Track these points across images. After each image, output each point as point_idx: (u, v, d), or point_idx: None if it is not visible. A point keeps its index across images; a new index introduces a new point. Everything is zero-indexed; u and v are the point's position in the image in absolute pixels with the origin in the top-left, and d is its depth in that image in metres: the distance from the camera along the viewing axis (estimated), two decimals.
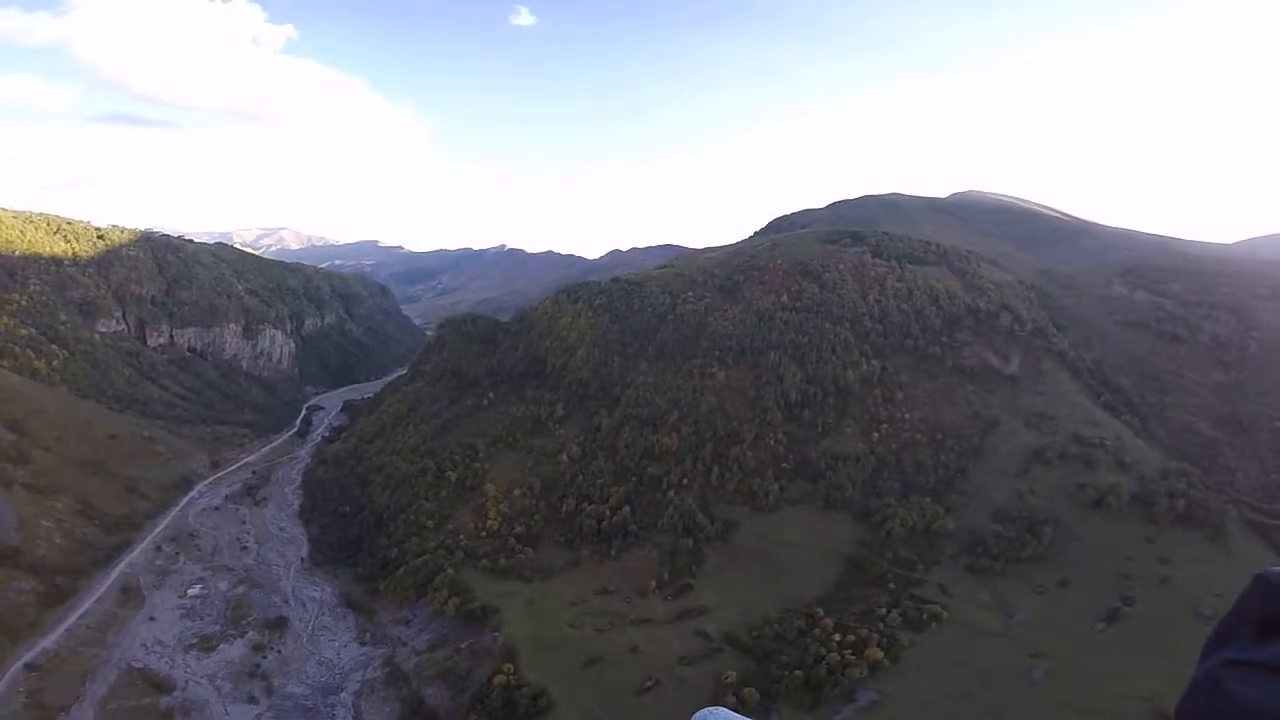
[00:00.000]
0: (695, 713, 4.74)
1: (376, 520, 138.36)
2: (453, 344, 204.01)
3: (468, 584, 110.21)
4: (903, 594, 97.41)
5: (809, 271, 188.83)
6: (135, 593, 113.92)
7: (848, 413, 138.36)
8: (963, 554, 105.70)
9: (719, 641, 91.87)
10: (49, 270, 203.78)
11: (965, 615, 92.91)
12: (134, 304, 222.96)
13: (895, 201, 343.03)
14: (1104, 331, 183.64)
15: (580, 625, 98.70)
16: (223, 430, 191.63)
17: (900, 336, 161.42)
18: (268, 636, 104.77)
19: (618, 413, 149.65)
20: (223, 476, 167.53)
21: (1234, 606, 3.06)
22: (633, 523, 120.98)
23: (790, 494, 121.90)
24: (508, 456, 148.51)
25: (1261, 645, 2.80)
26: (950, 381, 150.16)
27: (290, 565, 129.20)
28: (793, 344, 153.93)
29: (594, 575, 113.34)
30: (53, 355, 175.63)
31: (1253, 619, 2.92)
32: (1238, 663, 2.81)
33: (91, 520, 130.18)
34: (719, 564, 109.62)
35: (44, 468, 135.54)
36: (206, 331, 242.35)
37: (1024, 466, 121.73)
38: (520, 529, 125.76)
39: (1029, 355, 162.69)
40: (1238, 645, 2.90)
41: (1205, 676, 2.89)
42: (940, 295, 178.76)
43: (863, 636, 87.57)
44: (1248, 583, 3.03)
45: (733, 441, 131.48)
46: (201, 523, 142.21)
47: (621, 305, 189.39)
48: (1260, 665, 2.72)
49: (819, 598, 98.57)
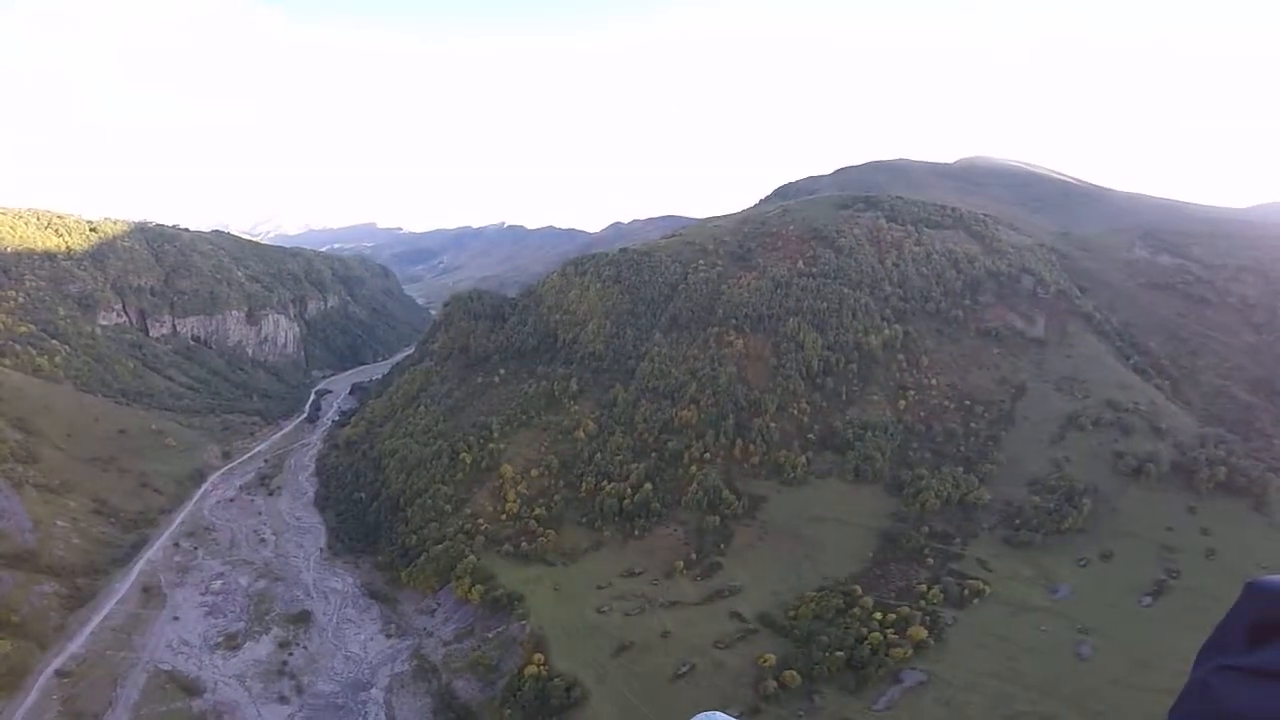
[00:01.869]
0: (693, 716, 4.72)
1: (393, 506, 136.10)
2: (460, 321, 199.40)
3: (491, 570, 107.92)
4: (942, 569, 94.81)
5: (823, 237, 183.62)
6: (156, 591, 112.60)
7: (872, 379, 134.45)
8: (1000, 526, 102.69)
9: (754, 623, 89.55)
10: (44, 265, 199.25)
11: (1008, 590, 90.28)
12: (133, 295, 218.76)
13: (902, 167, 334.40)
14: (1129, 294, 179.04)
15: (608, 610, 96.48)
16: (232, 419, 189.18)
17: (921, 300, 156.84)
18: (293, 632, 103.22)
19: (634, 386, 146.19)
20: (235, 467, 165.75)
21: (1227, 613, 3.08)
22: (655, 500, 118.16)
23: (818, 466, 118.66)
24: (523, 435, 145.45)
25: (1253, 651, 2.86)
26: (975, 345, 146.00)
27: (309, 556, 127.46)
28: (811, 310, 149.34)
29: (618, 556, 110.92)
30: (54, 351, 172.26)
31: (1245, 625, 2.97)
32: (1230, 668, 2.86)
33: (107, 518, 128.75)
34: (748, 541, 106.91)
35: (55, 466, 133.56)
36: (209, 319, 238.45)
37: (1058, 433, 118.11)
38: (540, 511, 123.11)
39: (1054, 318, 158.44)
40: (1230, 651, 2.96)
41: (1198, 682, 2.96)
42: (960, 259, 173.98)
43: (904, 614, 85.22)
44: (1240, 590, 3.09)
45: (755, 412, 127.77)
46: (217, 515, 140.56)
47: (631, 276, 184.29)
48: (1251, 671, 2.78)
49: (855, 574, 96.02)
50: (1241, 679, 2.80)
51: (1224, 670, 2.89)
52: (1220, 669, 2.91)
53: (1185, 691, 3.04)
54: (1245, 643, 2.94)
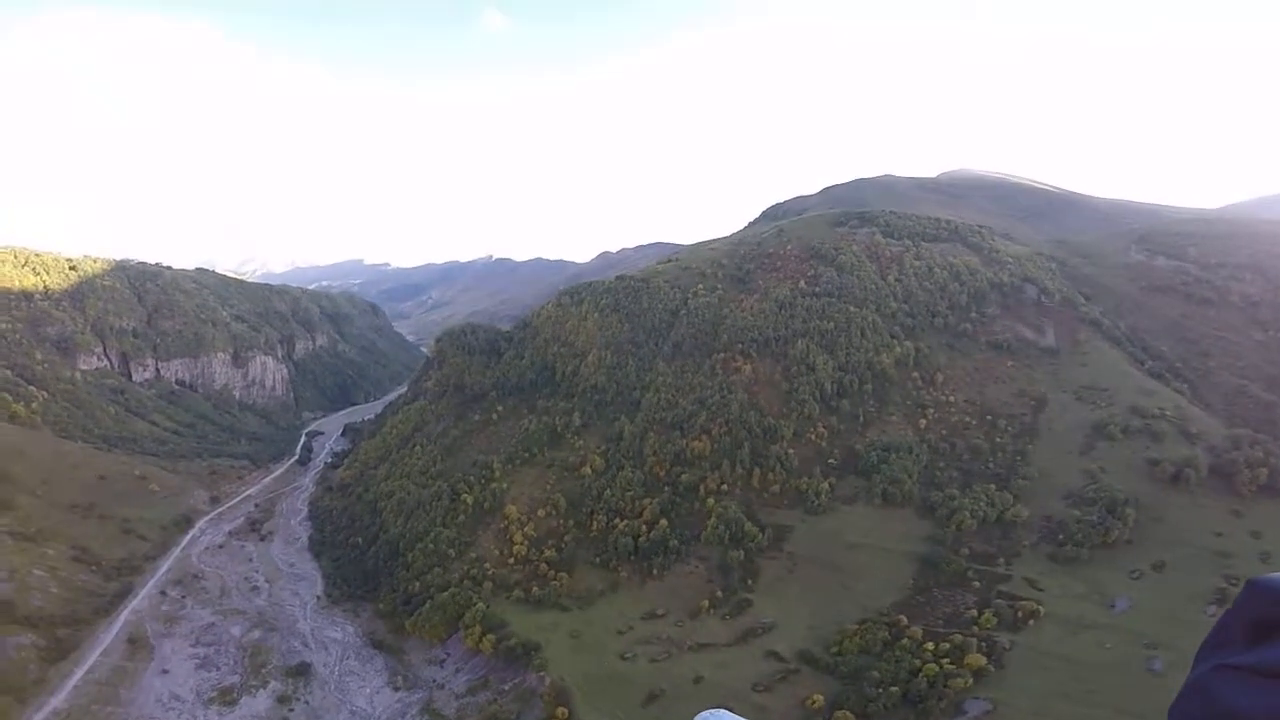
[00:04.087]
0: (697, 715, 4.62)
1: (392, 551, 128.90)
2: (453, 357, 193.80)
3: (502, 618, 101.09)
4: (990, 592, 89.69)
5: (822, 255, 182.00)
6: (143, 643, 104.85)
7: (888, 399, 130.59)
8: (1042, 543, 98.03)
9: (794, 661, 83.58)
10: (20, 305, 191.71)
11: (1063, 608, 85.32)
12: (114, 337, 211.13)
13: (888, 183, 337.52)
14: (1132, 298, 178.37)
15: (632, 656, 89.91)
16: (220, 463, 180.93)
17: (928, 315, 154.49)
18: (292, 685, 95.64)
19: (640, 418, 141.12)
20: (224, 511, 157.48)
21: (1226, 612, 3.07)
22: (673, 537, 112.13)
23: (842, 492, 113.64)
24: (526, 473, 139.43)
25: (1251, 650, 2.84)
26: (988, 358, 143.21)
27: (306, 604, 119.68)
28: (819, 330, 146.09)
29: (637, 598, 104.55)
30: (31, 397, 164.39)
31: (1244, 624, 2.95)
32: (1228, 667, 2.84)
33: (88, 566, 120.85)
34: (777, 575, 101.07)
35: (31, 514, 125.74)
36: (194, 362, 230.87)
37: (1086, 444, 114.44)
38: (550, 552, 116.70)
39: (1062, 326, 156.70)
40: (1229, 650, 2.94)
41: (1197, 681, 2.93)
42: (961, 271, 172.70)
43: (958, 642, 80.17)
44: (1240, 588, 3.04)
45: (771, 439, 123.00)
46: (206, 562, 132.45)
47: (629, 304, 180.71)
48: (1250, 670, 2.76)
49: (897, 603, 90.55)
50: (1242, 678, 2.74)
51: (1224, 669, 2.82)
52: (1220, 668, 2.84)
53: (1184, 690, 2.95)
54: (1245, 641, 2.89)
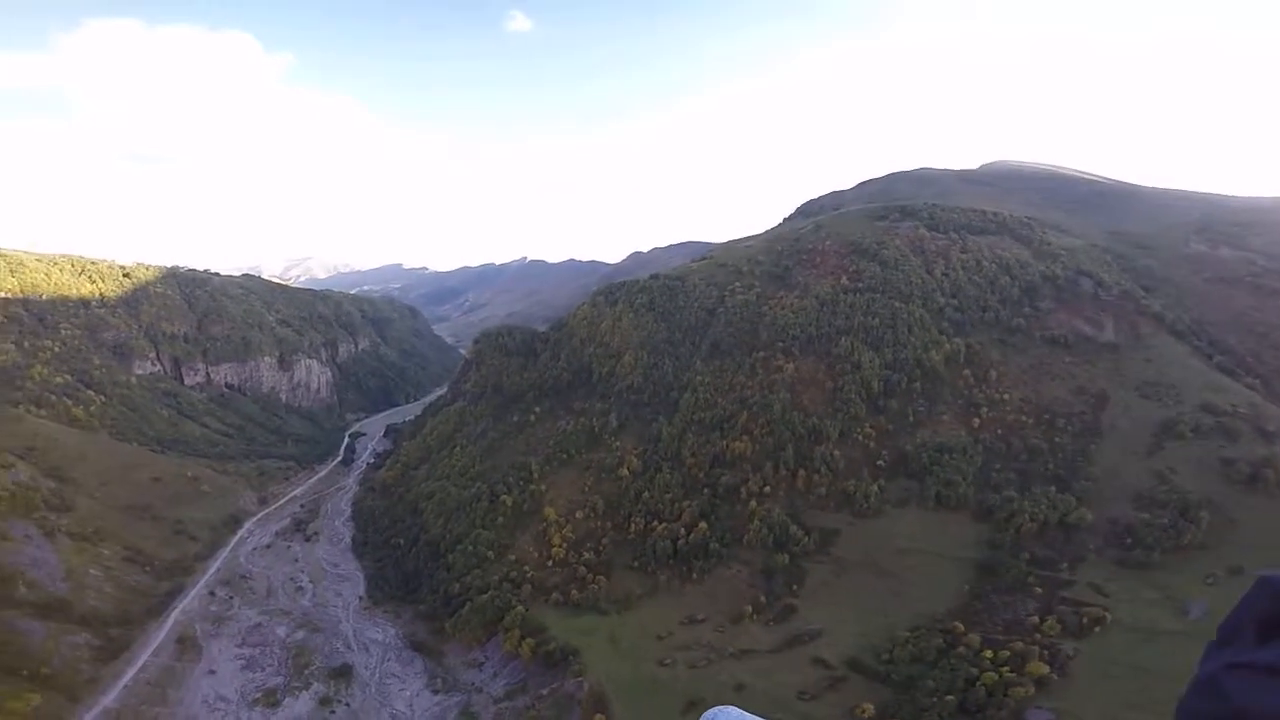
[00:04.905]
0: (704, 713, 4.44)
1: (433, 552, 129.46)
2: (491, 359, 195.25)
3: (541, 621, 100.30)
4: (1053, 598, 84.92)
5: (863, 250, 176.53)
6: (192, 643, 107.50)
7: (939, 398, 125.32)
8: (1108, 547, 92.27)
9: (841, 669, 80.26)
10: (78, 313, 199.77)
11: (1132, 615, 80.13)
12: (167, 343, 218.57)
13: (926, 176, 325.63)
14: (1196, 290, 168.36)
15: (671, 662, 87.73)
16: (267, 464, 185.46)
17: (978, 310, 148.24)
18: (334, 687, 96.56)
19: (678, 418, 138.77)
20: (271, 512, 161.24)
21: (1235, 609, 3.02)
22: (713, 540, 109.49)
23: (892, 494, 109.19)
24: (564, 475, 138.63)
25: (1262, 648, 2.82)
26: (1043, 354, 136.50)
27: (349, 605, 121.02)
28: (863, 327, 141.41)
29: (677, 602, 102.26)
30: (90, 401, 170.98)
31: (1254, 621, 2.91)
32: (1238, 665, 2.81)
33: (141, 566, 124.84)
34: (823, 580, 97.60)
35: (88, 514, 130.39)
36: (242, 366, 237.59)
37: (1154, 443, 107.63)
38: (589, 555, 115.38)
39: (1122, 320, 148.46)
40: (1239, 647, 2.89)
41: (1206, 678, 2.88)
42: (1011, 264, 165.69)
43: (1019, 650, 75.96)
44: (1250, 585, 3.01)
45: (816, 440, 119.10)
46: (253, 563, 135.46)
47: (665, 302, 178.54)
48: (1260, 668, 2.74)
49: (952, 610, 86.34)
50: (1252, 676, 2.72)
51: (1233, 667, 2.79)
52: (1230, 666, 2.80)
53: (1193, 688, 2.90)
54: (1255, 639, 2.85)
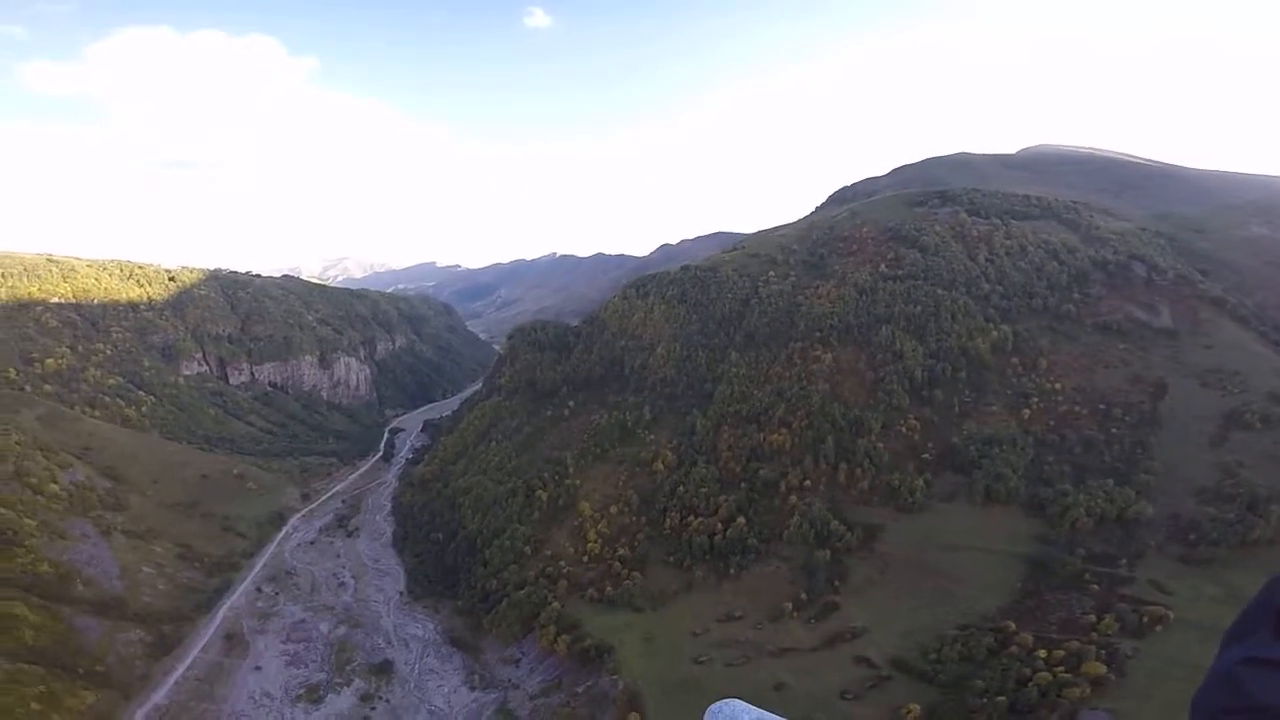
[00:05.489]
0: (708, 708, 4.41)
1: (470, 547, 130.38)
2: (525, 354, 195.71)
3: (576, 618, 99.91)
4: (1111, 595, 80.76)
5: (902, 237, 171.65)
6: (239, 639, 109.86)
7: (986, 388, 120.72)
8: (1170, 543, 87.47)
9: (886, 668, 77.67)
10: (128, 316, 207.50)
11: (1195, 613, 75.80)
12: (212, 344, 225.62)
13: (964, 161, 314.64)
14: (1258, 274, 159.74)
15: (708, 660, 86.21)
16: (310, 461, 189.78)
17: (1025, 297, 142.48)
18: (374, 684, 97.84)
19: (713, 411, 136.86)
20: (314, 508, 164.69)
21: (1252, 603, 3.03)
22: (751, 535, 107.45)
23: (939, 489, 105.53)
24: (598, 469, 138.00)
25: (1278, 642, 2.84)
26: (1095, 341, 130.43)
27: (389, 600, 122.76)
28: (904, 315, 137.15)
29: (713, 599, 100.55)
30: (141, 402, 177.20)
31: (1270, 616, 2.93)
32: (1255, 660, 2.82)
33: (192, 563, 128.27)
34: (867, 577, 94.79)
35: (141, 513, 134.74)
36: (284, 365, 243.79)
37: (1218, 434, 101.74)
38: (623, 551, 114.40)
39: (1179, 305, 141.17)
40: (1255, 642, 2.90)
41: (1222, 672, 2.89)
42: (1058, 250, 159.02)
43: (1074, 649, 72.46)
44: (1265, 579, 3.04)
45: (858, 432, 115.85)
46: (298, 559, 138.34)
47: (697, 294, 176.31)
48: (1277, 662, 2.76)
49: (1003, 608, 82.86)
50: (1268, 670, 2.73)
51: (1251, 662, 2.80)
52: (1247, 660, 2.81)
53: (1208, 682, 2.90)
54: (1272, 633, 2.86)
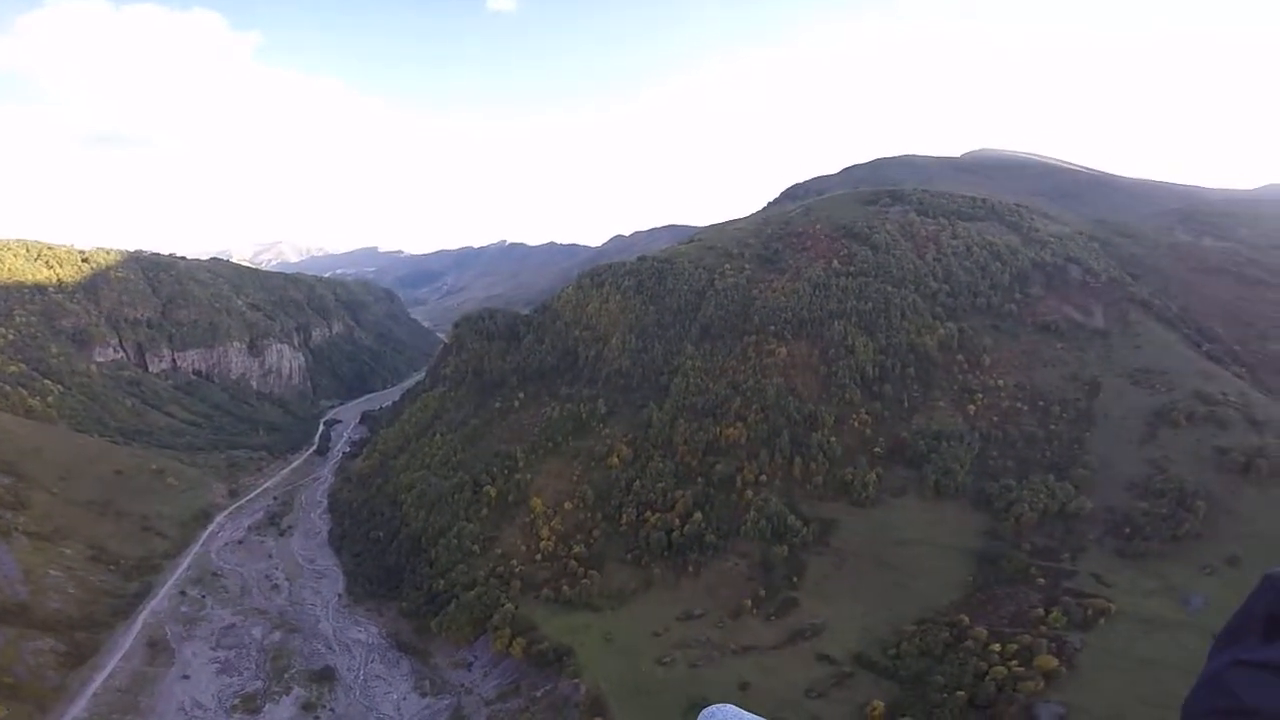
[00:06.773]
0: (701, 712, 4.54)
1: (414, 546, 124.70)
2: (471, 343, 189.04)
3: (531, 620, 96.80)
4: (1056, 589, 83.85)
5: (854, 234, 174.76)
6: (163, 646, 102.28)
7: (933, 384, 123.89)
8: (1107, 537, 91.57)
9: (848, 665, 78.33)
10: (34, 299, 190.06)
11: (1135, 606, 79.52)
12: (129, 329, 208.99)
13: (912, 162, 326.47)
14: (1181, 279, 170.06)
15: (671, 660, 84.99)
16: (237, 455, 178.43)
17: (970, 296, 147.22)
18: (316, 692, 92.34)
19: (669, 404, 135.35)
20: (243, 505, 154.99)
21: (1242, 606, 3.01)
22: (709, 531, 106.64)
23: (890, 483, 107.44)
24: (550, 464, 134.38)
25: (1268, 645, 2.80)
26: (1035, 340, 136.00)
27: (328, 603, 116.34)
28: (856, 311, 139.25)
29: (672, 597, 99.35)
30: (46, 391, 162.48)
31: (1261, 619, 2.89)
32: (1245, 663, 2.79)
33: (106, 566, 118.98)
34: (824, 572, 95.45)
35: (47, 512, 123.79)
36: (210, 352, 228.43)
37: (1148, 431, 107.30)
38: (579, 548, 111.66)
39: (1111, 307, 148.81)
40: (1245, 645, 2.87)
41: (1212, 675, 2.86)
42: (1001, 251, 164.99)
43: (1027, 643, 74.77)
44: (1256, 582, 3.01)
45: (812, 426, 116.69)
46: (225, 559, 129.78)
47: (653, 285, 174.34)
48: (1267, 666, 2.73)
49: (957, 602, 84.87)
50: (1260, 674, 2.70)
51: (1239, 664, 2.77)
52: (1236, 663, 2.78)
53: (1199, 685, 2.88)
54: (1262, 636, 2.83)
